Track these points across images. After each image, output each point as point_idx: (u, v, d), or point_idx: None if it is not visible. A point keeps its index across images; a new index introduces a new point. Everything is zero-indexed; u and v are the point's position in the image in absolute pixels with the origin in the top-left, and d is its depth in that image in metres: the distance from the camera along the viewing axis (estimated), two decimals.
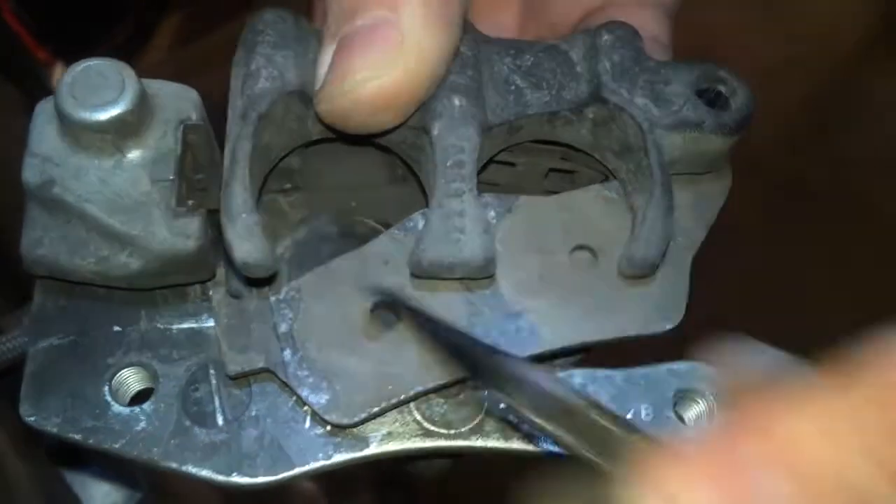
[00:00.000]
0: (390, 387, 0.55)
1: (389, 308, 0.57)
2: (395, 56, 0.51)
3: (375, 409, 0.55)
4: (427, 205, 0.58)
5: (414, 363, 0.56)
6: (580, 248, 0.59)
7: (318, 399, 0.55)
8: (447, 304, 0.57)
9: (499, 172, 0.66)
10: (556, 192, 0.70)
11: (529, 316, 0.57)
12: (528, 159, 0.65)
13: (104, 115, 0.53)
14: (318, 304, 0.57)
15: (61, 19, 1.21)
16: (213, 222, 0.59)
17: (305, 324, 0.56)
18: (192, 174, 0.59)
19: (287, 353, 0.56)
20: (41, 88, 1.16)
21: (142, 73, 0.56)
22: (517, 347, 0.56)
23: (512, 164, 0.66)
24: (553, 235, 0.59)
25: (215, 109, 0.61)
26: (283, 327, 0.56)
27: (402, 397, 0.55)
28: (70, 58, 1.23)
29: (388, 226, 0.68)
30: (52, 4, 1.20)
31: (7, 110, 1.11)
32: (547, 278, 0.58)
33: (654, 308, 0.58)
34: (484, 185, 0.59)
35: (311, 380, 0.55)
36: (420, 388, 0.55)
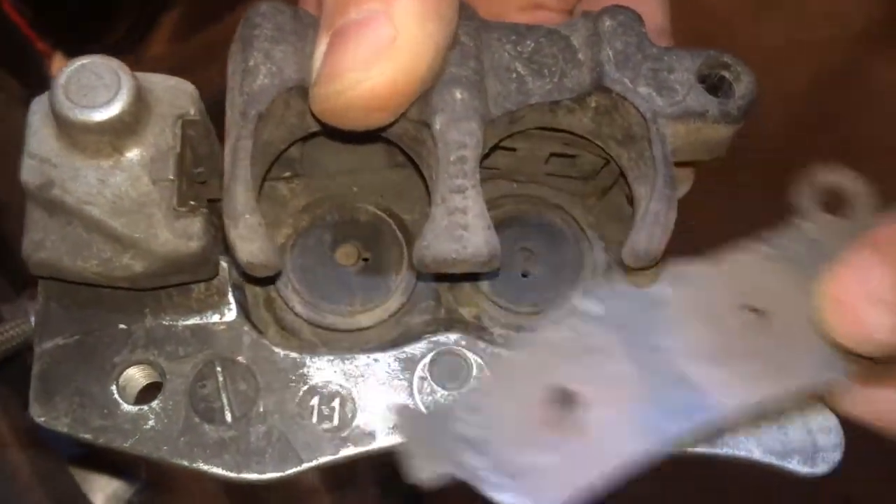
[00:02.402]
0: (581, 473, 0.52)
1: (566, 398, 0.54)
2: (389, 53, 0.50)
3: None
4: (429, 196, 0.58)
5: (601, 446, 0.52)
6: (748, 309, 0.56)
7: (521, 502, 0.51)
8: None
9: (500, 157, 0.65)
10: (556, 176, 0.69)
11: (703, 383, 0.54)
12: (529, 145, 0.64)
13: (100, 116, 0.52)
14: (500, 403, 0.53)
15: (60, 11, 1.21)
16: (214, 211, 0.59)
17: (489, 425, 0.53)
18: (191, 168, 0.58)
19: (476, 458, 0.52)
20: (40, 80, 1.15)
21: (142, 67, 0.55)
22: (690, 415, 0.53)
23: (513, 150, 0.65)
24: (721, 301, 0.56)
25: (217, 102, 0.60)
26: (468, 432, 0.52)
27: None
28: (69, 49, 1.23)
29: (389, 211, 0.67)
30: None
31: (6, 102, 1.11)
32: (719, 345, 0.55)
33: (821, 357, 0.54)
34: (485, 169, 0.58)
35: (505, 483, 0.51)
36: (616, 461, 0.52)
